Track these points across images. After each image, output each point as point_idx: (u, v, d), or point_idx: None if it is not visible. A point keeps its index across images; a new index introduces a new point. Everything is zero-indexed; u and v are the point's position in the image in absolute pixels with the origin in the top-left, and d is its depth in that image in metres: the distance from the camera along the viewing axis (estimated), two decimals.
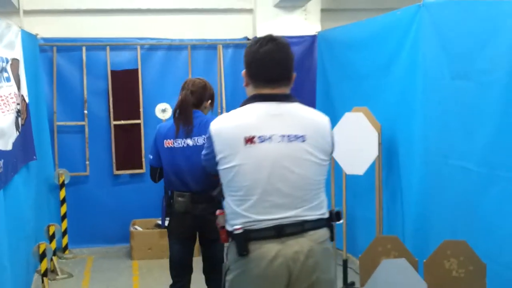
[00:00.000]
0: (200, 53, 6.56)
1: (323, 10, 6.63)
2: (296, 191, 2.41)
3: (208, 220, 3.57)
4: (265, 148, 2.39)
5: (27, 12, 6.15)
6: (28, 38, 5.59)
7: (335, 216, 2.54)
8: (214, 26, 6.59)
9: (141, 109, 6.37)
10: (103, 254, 6.19)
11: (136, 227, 6.08)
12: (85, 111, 6.30)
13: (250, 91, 2.56)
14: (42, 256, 4.77)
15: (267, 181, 2.37)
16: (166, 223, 3.80)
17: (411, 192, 4.52)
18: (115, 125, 6.34)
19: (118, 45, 6.38)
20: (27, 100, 5.02)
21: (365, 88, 5.35)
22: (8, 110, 4.13)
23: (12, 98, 4.32)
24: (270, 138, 2.40)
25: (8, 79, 4.32)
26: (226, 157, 2.41)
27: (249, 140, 2.39)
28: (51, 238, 5.40)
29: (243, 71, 2.57)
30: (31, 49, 5.70)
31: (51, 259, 5.44)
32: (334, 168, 4.78)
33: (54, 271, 5.44)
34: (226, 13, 6.61)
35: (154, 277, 5.36)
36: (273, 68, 2.48)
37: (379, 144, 4.79)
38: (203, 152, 2.64)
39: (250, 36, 6.55)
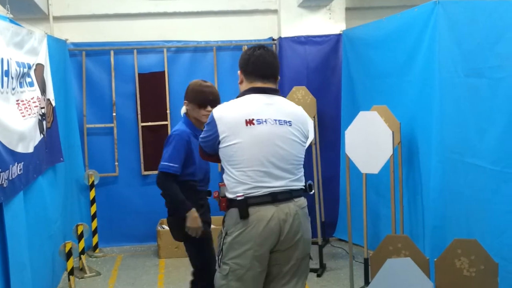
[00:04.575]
0: (226, 54, 6.63)
1: (348, 9, 6.59)
2: (285, 165, 2.92)
3: None
4: (261, 129, 2.90)
5: (57, 18, 6.32)
6: (57, 44, 5.76)
7: (308, 188, 3.06)
8: (239, 27, 6.64)
9: (168, 111, 6.48)
10: (132, 253, 6.31)
11: (164, 226, 6.18)
12: (114, 114, 6.46)
13: (243, 87, 3.07)
14: (68, 255, 4.90)
15: (263, 155, 2.88)
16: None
17: (429, 190, 4.48)
18: (143, 127, 6.48)
19: (145, 49, 6.51)
20: (53, 104, 5.16)
21: (386, 86, 5.33)
22: (29, 114, 4.25)
23: (34, 102, 4.45)
24: (265, 121, 2.92)
25: (31, 84, 4.46)
26: (229, 136, 2.90)
27: (249, 122, 2.90)
28: (80, 237, 5.54)
29: (239, 71, 3.11)
30: (60, 54, 5.87)
31: (80, 258, 5.59)
32: (350, 166, 4.76)
33: (82, 269, 5.57)
34: (250, 14, 6.66)
35: (179, 275, 5.45)
36: (265, 66, 3.04)
37: (399, 142, 4.78)
38: (203, 135, 3.04)
39: (275, 37, 6.59)
